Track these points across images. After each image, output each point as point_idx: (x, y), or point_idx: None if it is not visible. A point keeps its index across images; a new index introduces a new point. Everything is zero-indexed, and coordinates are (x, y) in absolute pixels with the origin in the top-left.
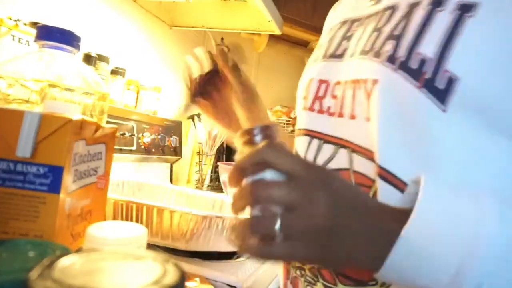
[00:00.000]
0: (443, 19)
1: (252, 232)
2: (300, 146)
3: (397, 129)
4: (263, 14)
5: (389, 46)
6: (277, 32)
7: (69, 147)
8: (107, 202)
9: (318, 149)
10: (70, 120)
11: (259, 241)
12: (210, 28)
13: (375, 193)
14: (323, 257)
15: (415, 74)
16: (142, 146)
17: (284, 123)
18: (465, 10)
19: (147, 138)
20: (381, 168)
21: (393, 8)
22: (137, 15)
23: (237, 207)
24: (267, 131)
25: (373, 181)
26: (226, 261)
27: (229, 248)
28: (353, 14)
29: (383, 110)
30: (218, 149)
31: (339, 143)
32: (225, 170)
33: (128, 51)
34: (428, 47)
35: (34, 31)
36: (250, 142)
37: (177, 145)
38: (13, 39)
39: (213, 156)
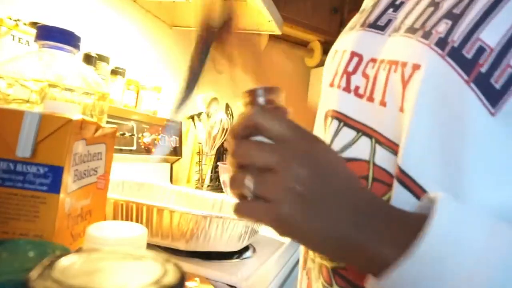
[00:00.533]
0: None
1: (230, 188)
2: (318, 127)
3: (432, 128)
4: (263, 14)
5: (443, 27)
6: (277, 32)
7: (69, 147)
8: (107, 202)
9: (336, 132)
10: (70, 120)
11: (237, 198)
12: None
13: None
14: (289, 226)
15: (467, 64)
16: (142, 146)
17: None
18: None
19: (147, 138)
20: (400, 169)
21: None
22: (137, 15)
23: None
24: (271, 93)
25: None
26: (226, 261)
27: (229, 248)
28: None
29: (420, 104)
30: (218, 149)
31: (362, 130)
32: (225, 170)
33: (128, 51)
34: (492, 34)
35: (34, 31)
36: (252, 103)
37: (177, 145)
38: (13, 39)
39: (213, 156)
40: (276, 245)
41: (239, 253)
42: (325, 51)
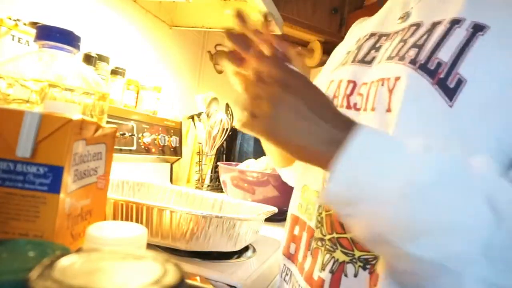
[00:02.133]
0: (460, 33)
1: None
2: None
3: (412, 118)
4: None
5: (412, 52)
6: (277, 32)
7: (69, 147)
8: (107, 202)
9: None
10: (70, 120)
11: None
12: (210, 28)
13: None
14: (271, 135)
15: (431, 73)
16: (142, 146)
17: None
18: (477, 29)
19: (147, 138)
20: None
21: (418, 25)
22: (137, 15)
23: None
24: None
25: None
26: (226, 261)
27: (229, 248)
28: (381, 29)
29: (403, 101)
30: (218, 149)
31: None
32: (225, 170)
33: (128, 51)
34: (445, 54)
35: (34, 31)
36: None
37: (177, 145)
38: (13, 39)
39: (213, 156)
40: (276, 245)
41: (239, 253)
42: (325, 51)
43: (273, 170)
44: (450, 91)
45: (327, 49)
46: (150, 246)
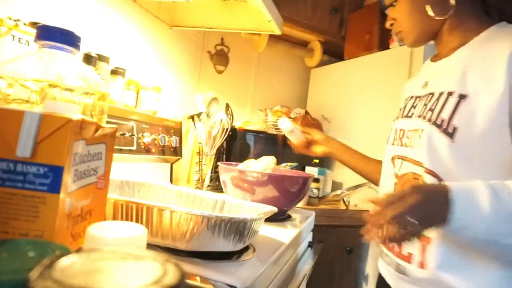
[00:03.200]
0: (452, 100)
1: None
2: (390, 164)
3: (431, 151)
4: (263, 14)
5: (429, 114)
6: (277, 32)
7: (69, 147)
8: (107, 202)
9: (401, 164)
10: (70, 120)
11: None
12: (210, 28)
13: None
14: (422, 223)
15: (439, 126)
16: (142, 146)
17: None
18: (462, 97)
19: (147, 138)
20: (428, 169)
21: (432, 94)
22: (137, 15)
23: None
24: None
25: (420, 176)
26: (226, 261)
27: (229, 248)
28: (415, 93)
29: (425, 142)
30: (218, 149)
31: (407, 160)
32: (225, 170)
33: (128, 51)
34: (445, 114)
35: (34, 31)
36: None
37: (177, 145)
38: (13, 39)
39: (213, 156)
40: (276, 245)
41: (239, 253)
42: (325, 51)
43: (273, 170)
44: (450, 134)
45: (327, 49)
46: (150, 246)
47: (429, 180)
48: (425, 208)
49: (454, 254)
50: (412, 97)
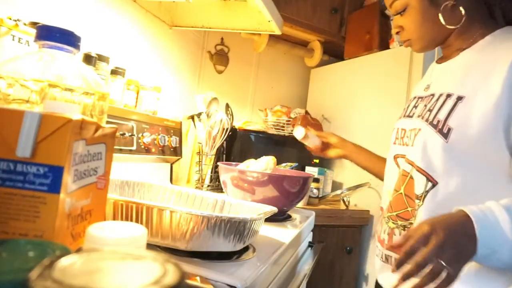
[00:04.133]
0: (450, 102)
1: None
2: (393, 163)
3: (424, 150)
4: (263, 14)
5: (427, 114)
6: (277, 32)
7: (69, 147)
8: (107, 202)
9: (401, 162)
10: (70, 120)
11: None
12: (210, 28)
13: (411, 177)
14: (456, 261)
15: (435, 126)
16: (142, 146)
17: (284, 123)
18: (459, 99)
19: (147, 138)
20: (419, 167)
21: (432, 95)
22: (137, 15)
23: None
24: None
25: (409, 173)
26: (226, 261)
27: (229, 248)
28: (418, 93)
29: (421, 142)
30: (218, 149)
31: (405, 158)
32: (225, 170)
33: (128, 51)
34: (442, 115)
35: (34, 31)
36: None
37: (177, 145)
38: (13, 39)
39: (213, 156)
40: (276, 245)
41: (239, 253)
42: (325, 51)
43: (273, 170)
44: (445, 134)
45: (327, 49)
46: (150, 246)
47: (419, 178)
48: (453, 244)
49: None
50: (415, 97)
